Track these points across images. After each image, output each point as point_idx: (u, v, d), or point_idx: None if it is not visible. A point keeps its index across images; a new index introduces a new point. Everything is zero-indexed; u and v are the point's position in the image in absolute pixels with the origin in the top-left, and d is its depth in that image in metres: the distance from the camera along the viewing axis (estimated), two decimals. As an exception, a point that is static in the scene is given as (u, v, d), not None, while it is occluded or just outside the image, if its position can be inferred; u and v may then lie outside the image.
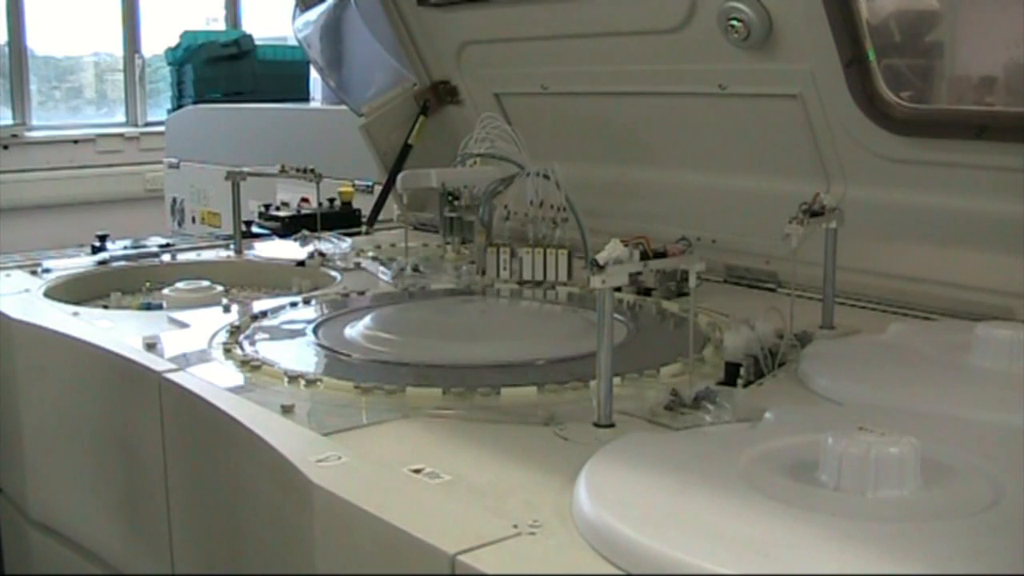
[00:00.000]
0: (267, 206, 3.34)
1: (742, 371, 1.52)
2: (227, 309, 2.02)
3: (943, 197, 1.96)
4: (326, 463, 1.22)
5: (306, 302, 2.09)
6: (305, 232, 2.74)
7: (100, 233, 2.75)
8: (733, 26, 2.07)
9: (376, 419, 1.41)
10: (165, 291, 2.23)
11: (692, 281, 1.42)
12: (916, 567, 0.92)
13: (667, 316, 1.97)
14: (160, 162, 5.30)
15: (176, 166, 4.97)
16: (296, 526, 1.23)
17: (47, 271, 2.38)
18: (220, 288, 2.26)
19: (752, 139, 2.26)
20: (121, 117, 7.12)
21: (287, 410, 1.42)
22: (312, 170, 2.64)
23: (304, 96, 5.20)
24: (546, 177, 2.17)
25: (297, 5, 3.45)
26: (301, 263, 2.49)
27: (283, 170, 2.66)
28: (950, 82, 2.11)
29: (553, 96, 2.64)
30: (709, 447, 1.24)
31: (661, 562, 0.94)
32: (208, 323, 1.89)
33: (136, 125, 7.03)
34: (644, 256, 1.36)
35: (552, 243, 2.17)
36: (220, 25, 7.32)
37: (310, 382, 1.55)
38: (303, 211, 3.32)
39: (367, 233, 2.93)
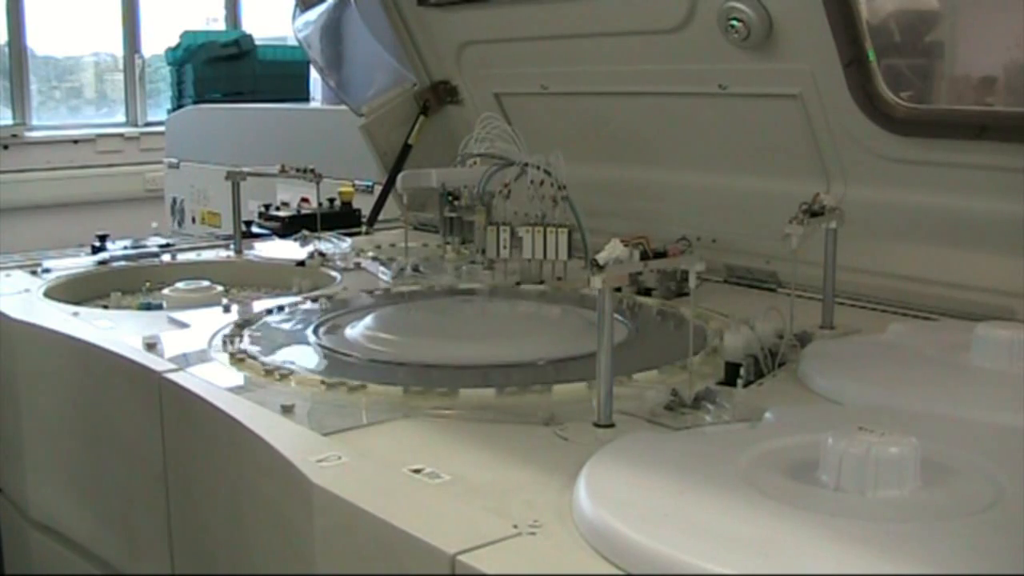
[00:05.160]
0: (267, 206, 3.34)
1: (742, 371, 1.52)
2: (227, 309, 2.02)
3: (943, 197, 1.96)
4: (326, 463, 1.22)
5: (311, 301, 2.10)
6: (305, 232, 2.74)
7: (100, 233, 2.75)
8: (733, 26, 2.07)
9: (376, 419, 1.41)
10: (165, 291, 2.23)
11: (692, 281, 1.42)
12: (916, 567, 0.92)
13: (666, 317, 1.97)
14: (160, 162, 5.30)
15: (176, 166, 4.97)
16: (296, 526, 1.23)
17: (47, 271, 2.38)
18: (220, 288, 2.26)
19: (752, 139, 2.26)
20: (121, 117, 7.12)
21: (287, 410, 1.42)
22: (312, 170, 2.64)
23: (304, 96, 5.20)
24: (547, 173, 2.17)
25: (297, 5, 3.46)
26: (301, 263, 2.49)
27: (283, 170, 2.66)
28: (950, 82, 2.11)
29: (553, 96, 2.64)
30: (709, 447, 1.24)
31: (661, 562, 0.94)
32: (208, 323, 1.89)
33: (136, 125, 7.03)
34: (644, 256, 1.36)
35: (552, 222, 2.17)
36: (220, 25, 7.32)
37: (283, 375, 1.57)
38: (303, 211, 3.32)
39: (367, 233, 2.93)
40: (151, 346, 1.74)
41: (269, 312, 1.99)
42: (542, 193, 2.17)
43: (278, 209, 3.34)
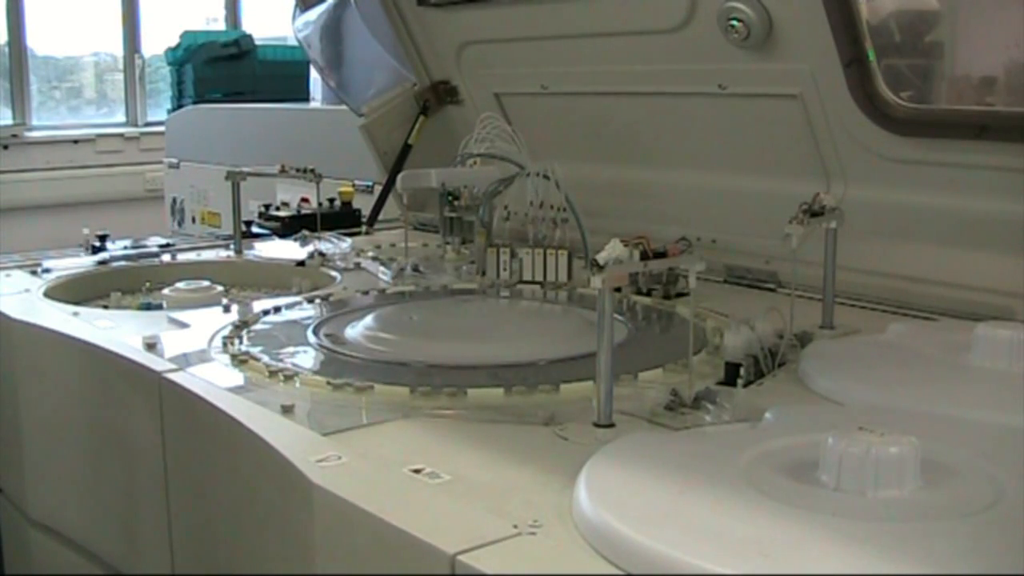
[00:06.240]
0: (267, 206, 3.34)
1: (742, 371, 1.52)
2: (227, 309, 2.02)
3: (943, 197, 1.96)
4: (326, 463, 1.22)
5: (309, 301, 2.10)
6: (305, 232, 2.75)
7: (100, 233, 2.75)
8: (733, 26, 2.07)
9: (376, 419, 1.41)
10: (165, 291, 2.23)
11: (692, 281, 1.42)
12: (916, 567, 0.92)
13: (664, 317, 1.98)
14: (160, 162, 5.30)
15: (176, 166, 4.97)
16: (296, 526, 1.23)
17: (47, 271, 2.38)
18: (220, 288, 2.26)
19: (752, 139, 2.26)
20: (121, 117, 7.12)
21: (287, 410, 1.42)
22: (312, 170, 2.64)
23: (304, 96, 5.20)
24: (546, 177, 2.18)
25: (297, 5, 3.46)
26: (301, 263, 2.49)
27: (283, 170, 2.66)
28: (950, 82, 2.11)
29: (553, 96, 2.64)
30: (709, 447, 1.24)
31: (661, 562, 0.94)
32: (208, 323, 1.89)
33: (136, 125, 7.02)
34: (644, 256, 1.36)
35: (552, 244, 2.17)
36: (220, 25, 7.32)
37: (288, 377, 1.57)
38: (303, 211, 3.32)
39: (367, 233, 2.93)
40: (151, 346, 1.74)
41: (267, 312, 1.99)
42: (542, 215, 2.17)
43: (278, 209, 3.34)
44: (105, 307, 2.22)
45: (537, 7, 2.49)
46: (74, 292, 2.29)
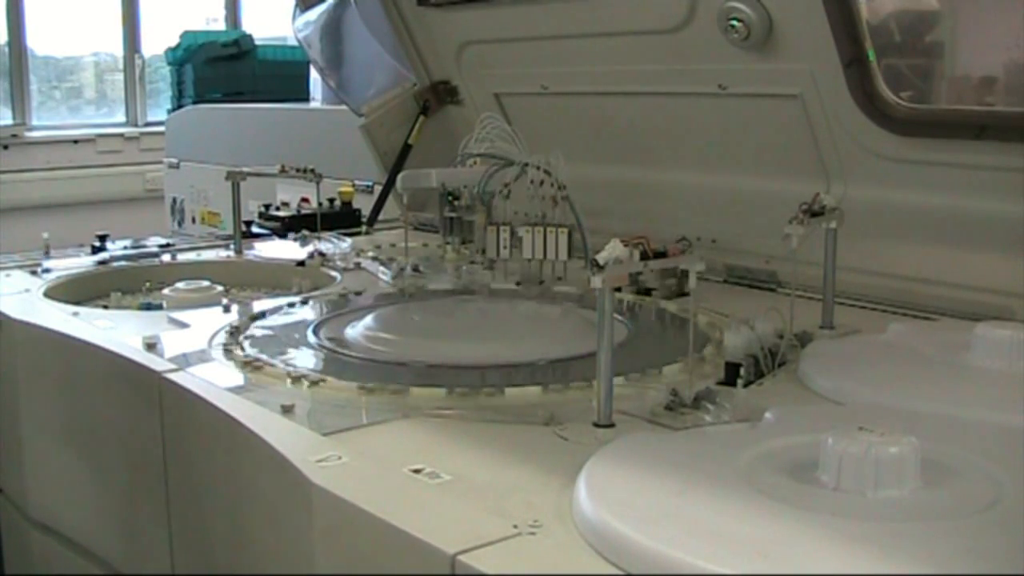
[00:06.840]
0: (267, 206, 3.34)
1: (742, 371, 1.52)
2: (227, 309, 2.02)
3: (943, 197, 1.96)
4: (326, 463, 1.22)
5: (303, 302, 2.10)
6: (305, 232, 2.75)
7: (100, 233, 2.75)
8: (733, 26, 2.07)
9: (376, 419, 1.41)
10: (165, 291, 2.23)
11: (692, 281, 1.42)
12: (916, 567, 0.92)
13: (664, 316, 1.98)
14: (160, 162, 5.30)
15: (176, 166, 4.97)
16: (296, 526, 1.23)
17: (47, 271, 2.38)
18: (220, 288, 2.26)
19: (752, 139, 2.26)
20: (121, 117, 7.12)
21: (287, 410, 1.42)
22: (312, 170, 2.64)
23: (304, 96, 5.20)
24: (547, 173, 2.17)
25: (297, 5, 3.46)
26: (301, 263, 2.49)
27: (283, 170, 2.66)
28: (950, 82, 2.11)
29: (553, 96, 2.64)
30: (709, 447, 1.24)
31: (661, 562, 0.94)
32: (208, 323, 1.89)
33: (136, 125, 7.03)
34: (644, 256, 1.36)
35: (552, 222, 2.17)
36: (220, 25, 7.33)
37: (296, 379, 1.57)
38: (303, 211, 3.32)
39: (367, 233, 2.93)
40: (151, 346, 1.74)
41: (267, 313, 1.99)
42: (542, 193, 2.17)
43: (278, 209, 3.34)
44: (105, 307, 2.22)
45: (537, 7, 2.49)
46: (74, 292, 2.29)
